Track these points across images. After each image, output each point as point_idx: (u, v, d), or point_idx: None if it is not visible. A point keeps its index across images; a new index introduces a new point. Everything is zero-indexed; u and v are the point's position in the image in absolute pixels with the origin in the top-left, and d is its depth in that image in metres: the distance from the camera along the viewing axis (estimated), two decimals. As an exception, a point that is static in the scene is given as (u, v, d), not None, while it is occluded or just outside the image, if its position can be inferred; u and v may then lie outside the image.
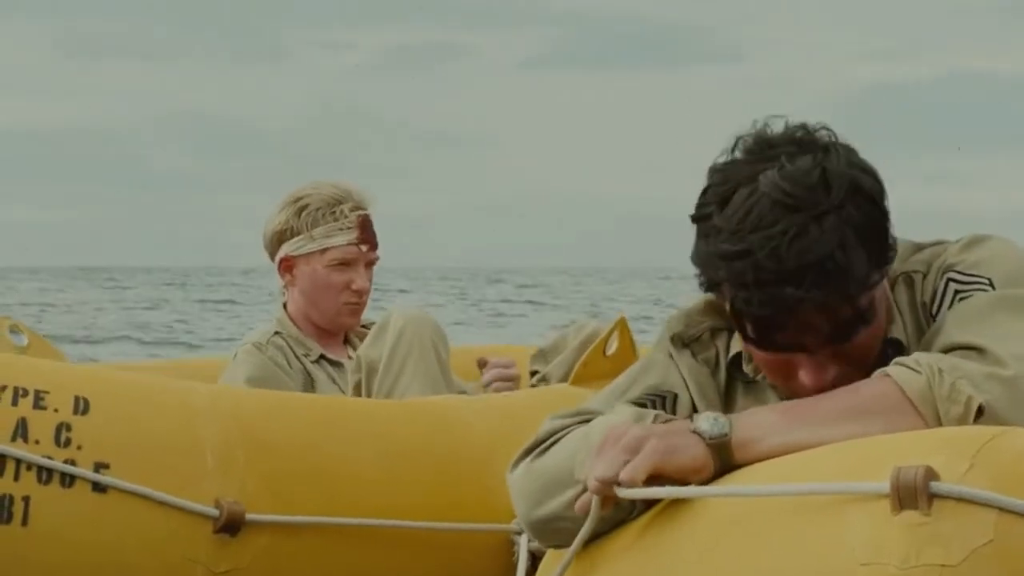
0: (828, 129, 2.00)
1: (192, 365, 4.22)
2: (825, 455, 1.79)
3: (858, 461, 1.71)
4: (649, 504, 1.97)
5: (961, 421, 1.82)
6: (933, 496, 1.56)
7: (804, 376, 1.97)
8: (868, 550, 1.57)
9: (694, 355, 2.14)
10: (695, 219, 2.00)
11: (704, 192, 1.99)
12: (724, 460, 1.89)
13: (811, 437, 1.86)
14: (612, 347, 3.26)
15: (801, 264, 1.89)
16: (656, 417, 2.02)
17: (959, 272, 2.03)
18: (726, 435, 1.89)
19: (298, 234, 3.61)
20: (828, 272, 1.90)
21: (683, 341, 2.16)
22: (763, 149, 1.97)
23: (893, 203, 1.99)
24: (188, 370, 4.00)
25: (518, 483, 2.10)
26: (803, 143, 1.97)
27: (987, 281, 2.00)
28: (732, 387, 2.12)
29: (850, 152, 1.98)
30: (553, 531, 2.07)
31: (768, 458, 1.87)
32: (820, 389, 1.96)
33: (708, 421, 1.90)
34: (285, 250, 3.63)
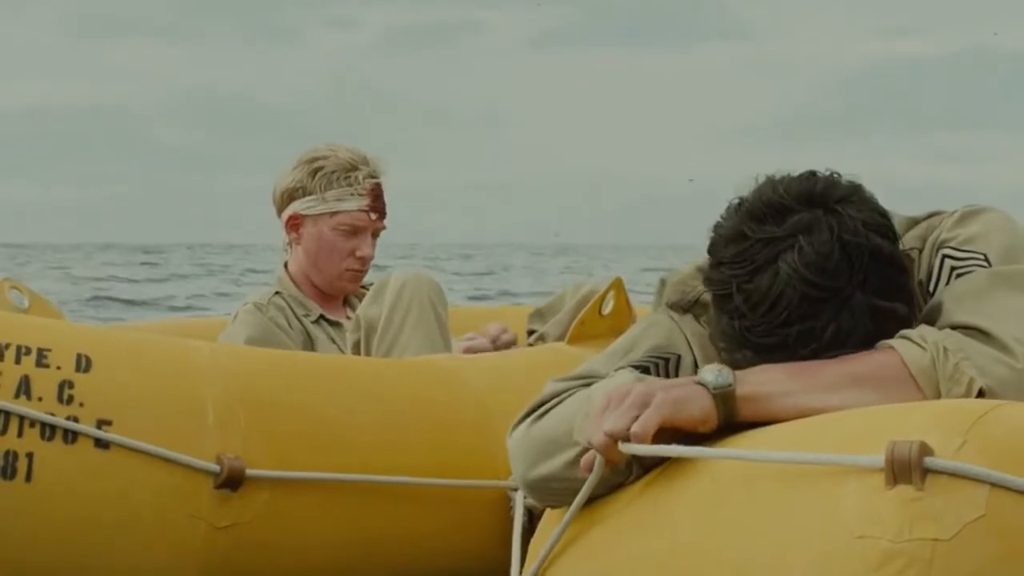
0: (835, 172, 1.99)
1: (192, 325, 4.23)
2: (823, 424, 1.81)
3: (854, 433, 1.73)
4: (646, 467, 1.99)
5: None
6: (927, 471, 1.59)
7: None
8: (862, 523, 1.60)
9: (696, 318, 2.16)
10: (713, 290, 2.00)
11: (718, 265, 1.99)
12: (728, 412, 1.91)
13: (814, 402, 1.88)
14: (608, 306, 3.28)
15: (840, 355, 1.92)
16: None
17: (954, 248, 2.03)
18: (730, 386, 1.91)
19: (310, 194, 3.62)
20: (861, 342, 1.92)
21: (682, 307, 2.17)
22: (774, 218, 1.95)
23: (904, 181, 1.99)
24: (188, 330, 4.03)
25: (517, 445, 2.12)
26: (813, 202, 1.95)
27: (982, 257, 2.01)
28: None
29: (859, 204, 1.97)
30: (549, 491, 2.09)
31: (771, 417, 1.90)
32: None
33: (712, 372, 1.92)
34: (294, 207, 3.64)
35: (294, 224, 3.66)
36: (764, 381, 1.92)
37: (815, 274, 1.91)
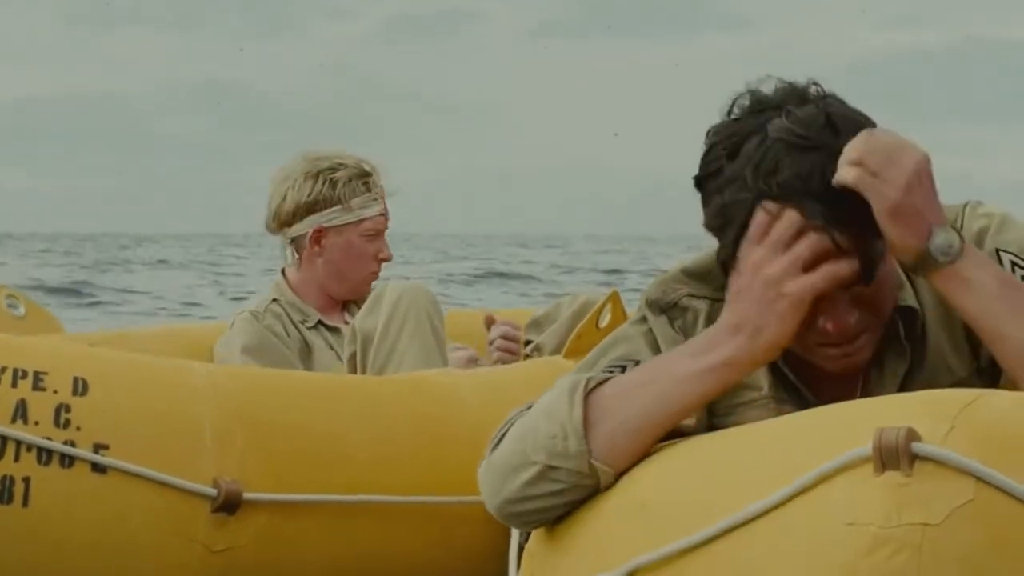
0: (817, 85, 2.01)
1: (190, 331, 4.23)
2: (810, 416, 1.82)
3: (842, 423, 1.74)
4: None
5: None
6: (915, 457, 1.59)
7: (828, 322, 1.97)
8: (852, 510, 1.60)
9: (671, 321, 2.15)
10: (702, 179, 1.99)
11: (708, 150, 1.99)
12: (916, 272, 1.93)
13: (990, 320, 1.91)
14: (605, 320, 3.29)
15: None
16: (590, 380, 2.01)
17: (1017, 256, 2.05)
18: (945, 264, 1.91)
19: (334, 205, 3.64)
20: (852, 204, 1.90)
21: (660, 307, 2.16)
22: (763, 104, 1.98)
23: None
24: (187, 336, 4.03)
25: (481, 477, 2.08)
26: (801, 96, 1.98)
27: None
28: None
29: (844, 103, 2.00)
30: (517, 514, 2.05)
31: (954, 305, 1.93)
32: (842, 335, 1.98)
33: (944, 248, 1.90)
34: (317, 221, 3.65)
35: (317, 237, 3.67)
36: (975, 277, 1.91)
37: (803, 128, 1.92)
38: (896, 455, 1.59)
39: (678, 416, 1.98)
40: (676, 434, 2.03)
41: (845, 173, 1.89)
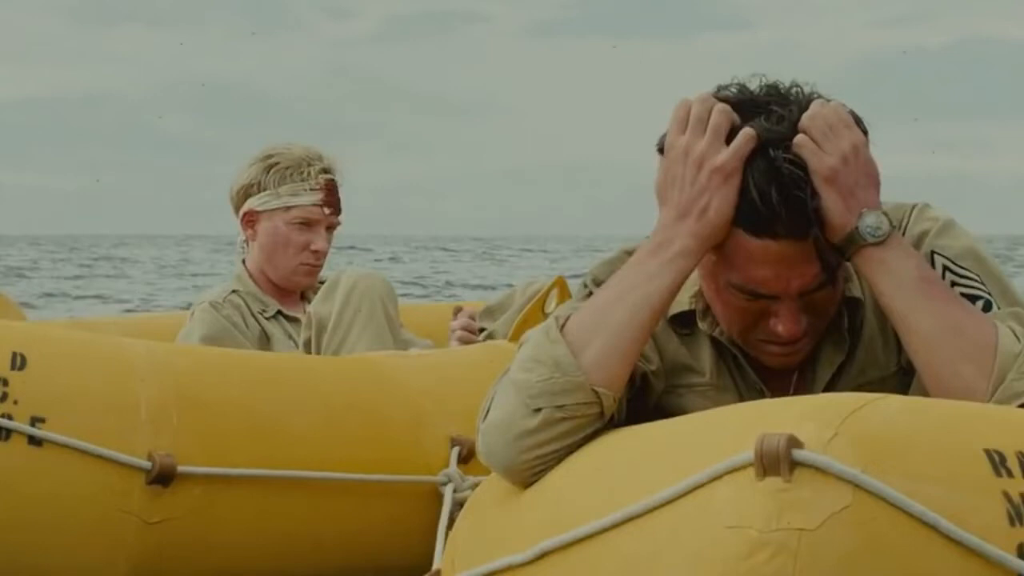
0: (799, 87, 2.04)
1: (153, 322, 4.26)
2: (701, 418, 1.86)
3: (736, 426, 1.76)
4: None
5: (1008, 399, 1.91)
6: (795, 463, 1.62)
7: (778, 324, 2.02)
8: (733, 514, 1.63)
9: None
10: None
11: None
12: (839, 249, 1.99)
13: (908, 310, 1.97)
14: (551, 304, 3.33)
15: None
16: (559, 318, 2.02)
17: (950, 260, 2.08)
18: (870, 244, 1.97)
19: (264, 190, 3.67)
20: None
21: (599, 286, 2.17)
22: (748, 103, 2.01)
23: (902, 170, 2.04)
24: (149, 327, 4.06)
25: (481, 443, 2.05)
26: (786, 98, 2.01)
27: (978, 278, 2.07)
28: (663, 334, 2.15)
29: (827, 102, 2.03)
30: (527, 466, 2.00)
31: (870, 285, 2.00)
32: (792, 339, 2.02)
33: (872, 229, 1.98)
34: (250, 204, 3.69)
35: (250, 221, 3.71)
36: (899, 264, 1.98)
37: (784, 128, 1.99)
38: (777, 461, 1.62)
39: (655, 317, 2.01)
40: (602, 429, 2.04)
41: (796, 138, 1.97)
